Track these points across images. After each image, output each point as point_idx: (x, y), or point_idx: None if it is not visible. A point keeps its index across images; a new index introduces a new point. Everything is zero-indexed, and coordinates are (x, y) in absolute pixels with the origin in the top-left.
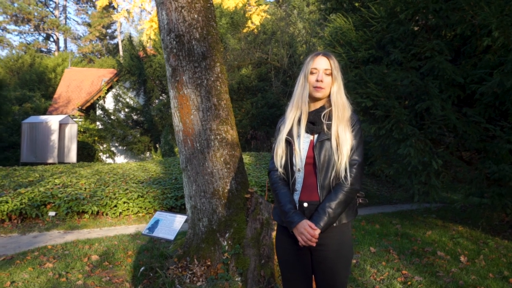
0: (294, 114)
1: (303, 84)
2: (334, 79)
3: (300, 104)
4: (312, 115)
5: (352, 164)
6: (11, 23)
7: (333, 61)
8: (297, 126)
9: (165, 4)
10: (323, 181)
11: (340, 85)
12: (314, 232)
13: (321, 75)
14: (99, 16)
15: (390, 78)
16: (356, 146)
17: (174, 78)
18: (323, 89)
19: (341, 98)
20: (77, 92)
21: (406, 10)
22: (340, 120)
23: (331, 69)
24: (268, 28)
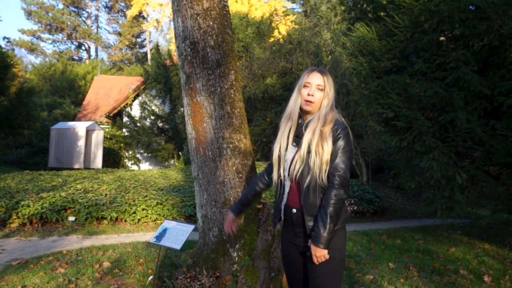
0: (285, 126)
1: (296, 97)
2: (325, 95)
3: (291, 115)
4: (298, 128)
5: (335, 174)
6: (45, 32)
7: (327, 78)
8: (286, 139)
9: (181, 11)
10: (303, 190)
11: (331, 101)
12: (323, 253)
13: (313, 90)
14: (129, 25)
15: (413, 89)
16: (338, 155)
17: (188, 86)
18: (312, 103)
19: (329, 110)
20: (106, 99)
21: (430, 19)
22: (317, 130)
23: (323, 85)
24: (294, 38)
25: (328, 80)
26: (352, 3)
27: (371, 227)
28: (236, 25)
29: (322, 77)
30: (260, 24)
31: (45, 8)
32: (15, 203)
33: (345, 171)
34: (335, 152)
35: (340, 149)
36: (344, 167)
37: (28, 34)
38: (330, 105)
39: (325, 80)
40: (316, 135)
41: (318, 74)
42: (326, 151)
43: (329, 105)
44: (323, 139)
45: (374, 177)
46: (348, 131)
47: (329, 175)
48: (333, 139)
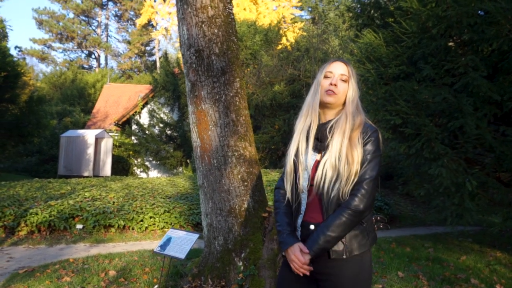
0: (302, 125)
1: (315, 91)
2: (350, 86)
3: (310, 112)
4: (318, 130)
5: (360, 181)
6: (56, 41)
7: (351, 68)
8: (304, 143)
9: (186, 19)
10: (328, 203)
11: (356, 95)
12: (304, 258)
13: (336, 79)
14: (139, 34)
15: (421, 95)
16: (368, 161)
17: (193, 93)
18: (335, 95)
19: (356, 107)
20: (115, 107)
21: (438, 25)
22: (347, 133)
23: (348, 76)
24: (302, 45)
25: (352, 71)
26: (359, 9)
27: (380, 234)
28: (244, 33)
29: (346, 67)
30: (268, 32)
31: (56, 17)
32: (24, 211)
33: (374, 178)
34: (364, 157)
35: (370, 153)
36: (373, 174)
37: (39, 43)
38: (356, 103)
39: (350, 70)
40: (346, 139)
41: (341, 63)
42: (356, 160)
43: (356, 102)
44: (353, 145)
45: (383, 184)
46: (378, 134)
47: (354, 183)
48: (363, 142)
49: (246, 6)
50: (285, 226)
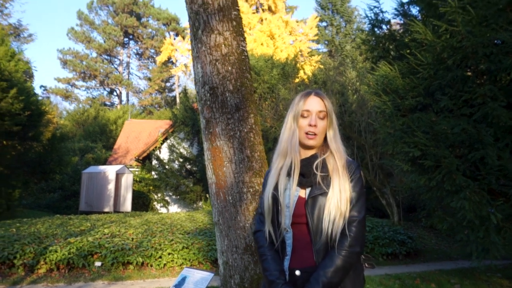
0: (282, 163)
1: (292, 128)
2: (329, 123)
3: (289, 152)
4: (303, 165)
5: (351, 222)
6: (79, 80)
7: (327, 101)
8: (285, 178)
9: (200, 58)
10: (319, 243)
11: (336, 129)
12: None
13: (314, 119)
14: (159, 70)
15: (439, 126)
16: (356, 199)
17: (207, 130)
18: (316, 136)
19: (337, 144)
20: (136, 143)
21: (454, 55)
22: (341, 171)
23: (326, 111)
24: (319, 78)
25: (329, 103)
26: (374, 42)
27: (403, 270)
28: (261, 67)
29: (322, 101)
30: (285, 66)
31: (80, 57)
32: (43, 249)
33: (363, 218)
34: (351, 196)
35: (357, 192)
36: (362, 214)
37: (63, 82)
38: (337, 136)
39: (326, 104)
40: (342, 178)
41: (317, 98)
42: (346, 195)
43: (337, 137)
44: (344, 178)
45: (406, 217)
46: (361, 170)
47: (345, 224)
48: (349, 181)
49: (264, 41)
50: (278, 275)
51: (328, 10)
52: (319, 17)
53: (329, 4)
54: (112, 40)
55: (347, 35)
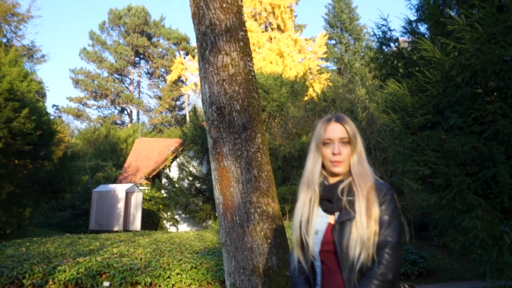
0: (305, 195)
1: (315, 157)
2: (353, 148)
3: (312, 181)
4: (328, 190)
5: (382, 247)
6: (91, 99)
7: (349, 126)
8: (311, 206)
9: (207, 78)
10: (348, 271)
11: (361, 152)
12: None
13: (337, 147)
14: (169, 89)
15: (449, 144)
16: (387, 223)
17: (215, 150)
18: (342, 163)
19: (362, 167)
20: (145, 161)
21: (462, 73)
22: (364, 193)
23: (348, 137)
24: (328, 96)
25: (351, 128)
26: (383, 60)
27: None
28: (270, 86)
29: (343, 127)
30: (294, 84)
31: (91, 76)
32: (52, 268)
33: (397, 242)
34: (382, 219)
35: (389, 214)
36: (395, 238)
37: (75, 101)
38: (362, 160)
39: (348, 129)
40: (365, 201)
41: (338, 124)
42: (374, 218)
43: (361, 160)
44: (370, 204)
45: (418, 235)
46: (394, 192)
47: (376, 248)
48: (379, 202)
49: (273, 60)
50: None
51: (337, 28)
52: (328, 35)
53: (337, 22)
54: (123, 59)
55: (356, 52)
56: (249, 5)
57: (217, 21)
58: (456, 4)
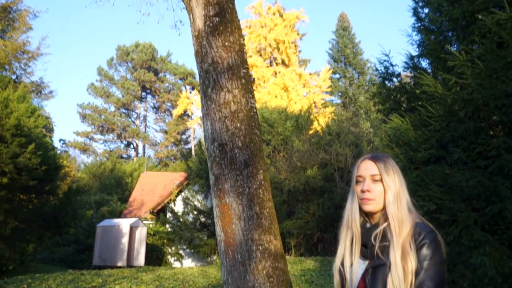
0: (345, 237)
1: (352, 199)
2: (386, 187)
3: (350, 222)
4: (364, 234)
5: None
6: (97, 133)
7: (383, 164)
8: (349, 249)
9: (209, 115)
10: None
11: (398, 192)
12: None
13: (367, 184)
14: (175, 123)
15: (453, 179)
16: (426, 268)
17: (216, 187)
18: (372, 201)
19: (397, 209)
20: (151, 195)
21: (465, 108)
22: (399, 240)
23: (380, 174)
24: (332, 129)
25: (385, 166)
26: (385, 94)
27: None
28: (275, 120)
29: (375, 165)
30: (299, 117)
31: (99, 111)
32: None
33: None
34: (419, 265)
35: (426, 259)
36: (435, 283)
37: (82, 136)
38: (399, 201)
39: (381, 167)
40: (399, 249)
41: (370, 162)
42: (410, 269)
43: (397, 201)
44: (405, 253)
45: None
46: (436, 235)
47: None
48: (416, 247)
49: (278, 94)
50: None
51: (340, 63)
52: (332, 70)
53: (341, 57)
54: (130, 94)
55: (360, 86)
56: (254, 41)
57: (220, 59)
58: (457, 40)
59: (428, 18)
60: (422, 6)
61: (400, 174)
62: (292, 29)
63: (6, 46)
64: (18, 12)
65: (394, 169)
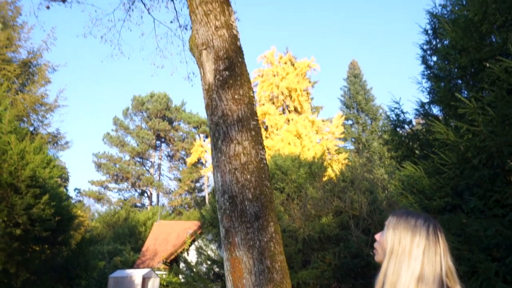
0: None
1: None
2: (383, 240)
3: None
4: None
5: None
6: (112, 182)
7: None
8: None
9: (220, 167)
10: None
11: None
12: None
13: (379, 234)
14: (189, 171)
15: (471, 228)
16: None
17: (227, 240)
18: (375, 250)
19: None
20: (164, 245)
21: (478, 155)
22: None
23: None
24: (346, 176)
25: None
26: (397, 142)
27: None
28: (288, 167)
29: (389, 217)
30: (312, 165)
31: (113, 160)
32: None
33: None
34: None
35: None
36: None
37: (96, 185)
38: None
39: (389, 220)
40: None
41: (390, 216)
42: None
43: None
44: None
45: None
46: None
47: None
48: None
49: (291, 141)
50: None
51: (353, 109)
52: (344, 116)
53: (353, 103)
54: (145, 143)
55: (374, 132)
56: (266, 89)
57: (229, 111)
58: (466, 87)
59: (437, 65)
60: (430, 54)
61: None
62: (304, 77)
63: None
64: (38, 67)
65: (402, 226)
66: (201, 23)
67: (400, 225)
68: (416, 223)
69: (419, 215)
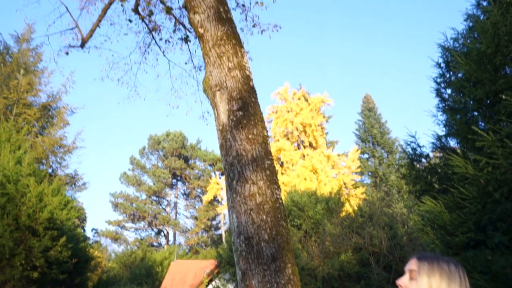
0: None
1: None
2: (415, 284)
3: None
4: None
5: None
6: (128, 221)
7: (423, 263)
8: None
9: (235, 208)
10: None
11: None
12: None
13: (402, 278)
14: (205, 209)
15: (497, 265)
16: None
17: (244, 283)
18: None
19: None
20: (181, 284)
21: (500, 188)
22: None
23: (416, 271)
24: (365, 211)
25: (423, 266)
26: (415, 176)
27: None
28: (305, 203)
29: (416, 262)
30: (329, 200)
31: (130, 199)
32: None
33: None
34: None
35: None
36: None
37: (113, 224)
38: None
39: (419, 265)
40: None
41: (413, 259)
42: None
43: None
44: None
45: None
46: None
47: None
48: None
49: (307, 176)
50: None
51: (368, 143)
52: (360, 150)
53: (369, 137)
54: (161, 182)
55: (391, 165)
56: (281, 125)
57: (244, 151)
58: (483, 119)
59: (452, 98)
60: (444, 87)
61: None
62: (318, 112)
63: (44, 141)
64: (57, 110)
65: (438, 273)
66: (215, 65)
67: (435, 272)
68: (450, 269)
69: (448, 260)
